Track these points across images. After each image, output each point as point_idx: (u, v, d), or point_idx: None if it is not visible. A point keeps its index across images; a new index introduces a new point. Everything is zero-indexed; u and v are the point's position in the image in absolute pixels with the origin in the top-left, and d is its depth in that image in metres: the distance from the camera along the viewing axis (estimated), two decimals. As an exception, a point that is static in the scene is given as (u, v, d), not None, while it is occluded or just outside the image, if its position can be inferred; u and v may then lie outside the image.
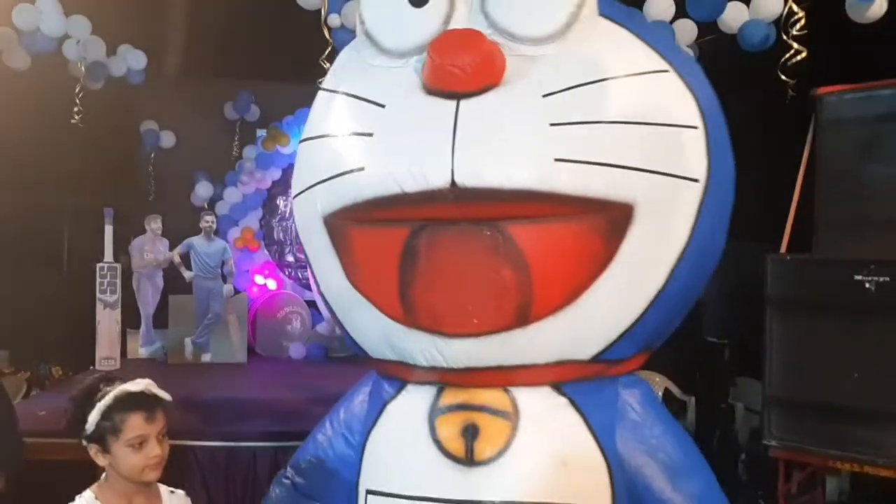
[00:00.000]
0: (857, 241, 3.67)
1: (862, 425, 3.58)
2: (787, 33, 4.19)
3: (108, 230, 6.88)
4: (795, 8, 4.11)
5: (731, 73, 4.41)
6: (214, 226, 7.39)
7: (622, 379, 1.59)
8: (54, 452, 4.19)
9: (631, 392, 1.58)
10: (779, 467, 3.99)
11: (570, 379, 1.51)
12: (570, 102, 1.35)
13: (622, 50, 1.44)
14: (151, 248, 7.43)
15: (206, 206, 8.09)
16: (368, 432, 1.63)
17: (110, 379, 1.93)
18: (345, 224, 1.49)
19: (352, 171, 1.43)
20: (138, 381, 1.90)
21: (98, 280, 6.79)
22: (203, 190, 8.24)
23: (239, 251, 8.21)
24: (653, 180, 1.39)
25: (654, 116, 1.40)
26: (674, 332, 1.73)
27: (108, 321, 6.84)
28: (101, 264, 6.83)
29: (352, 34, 5.14)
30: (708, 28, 4.72)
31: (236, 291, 7.70)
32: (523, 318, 1.39)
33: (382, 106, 1.44)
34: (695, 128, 1.45)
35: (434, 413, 1.51)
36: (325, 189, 1.50)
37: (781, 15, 4.28)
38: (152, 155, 8.23)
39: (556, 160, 1.32)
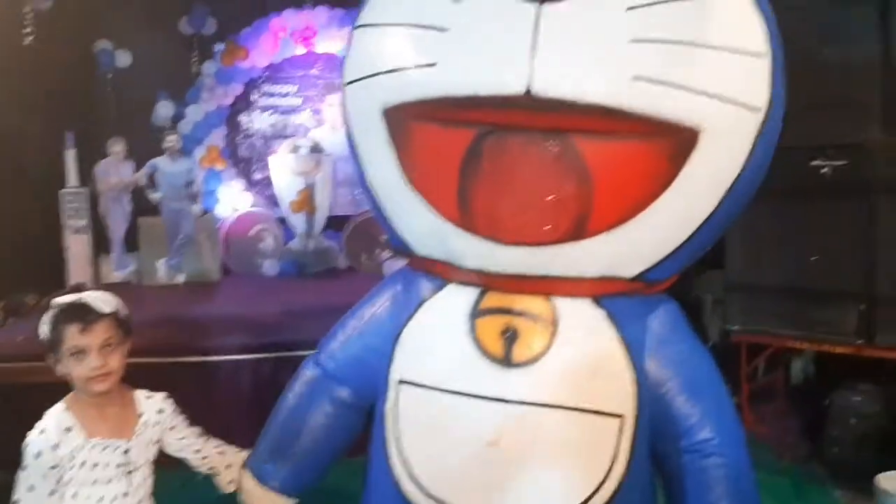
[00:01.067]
0: (813, 126, 3.70)
1: (819, 306, 3.72)
2: None
3: (71, 154, 6.78)
4: None
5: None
6: (178, 145, 7.26)
7: (655, 297, 1.61)
8: (36, 375, 4.25)
9: (662, 311, 1.61)
10: (741, 351, 4.16)
11: (610, 293, 1.53)
12: (654, 18, 1.31)
13: None
14: (116, 171, 7.32)
15: (168, 125, 7.94)
16: (404, 325, 1.63)
17: (79, 287, 1.91)
18: (407, 119, 1.45)
19: (421, 65, 1.38)
20: (83, 293, 1.85)
21: (64, 206, 6.72)
22: (164, 109, 8.08)
23: (205, 170, 8.11)
24: (722, 108, 1.37)
25: (731, 41, 1.37)
26: None
27: (78, 246, 6.83)
28: (66, 190, 6.76)
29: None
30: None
31: (205, 211, 7.65)
32: (580, 231, 1.40)
33: (458, 1, 1.38)
34: (761, 55, 1.42)
35: (475, 314, 1.53)
36: (389, 80, 1.44)
37: None
38: (109, 76, 8.01)
39: (636, 77, 1.29)
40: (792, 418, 4.65)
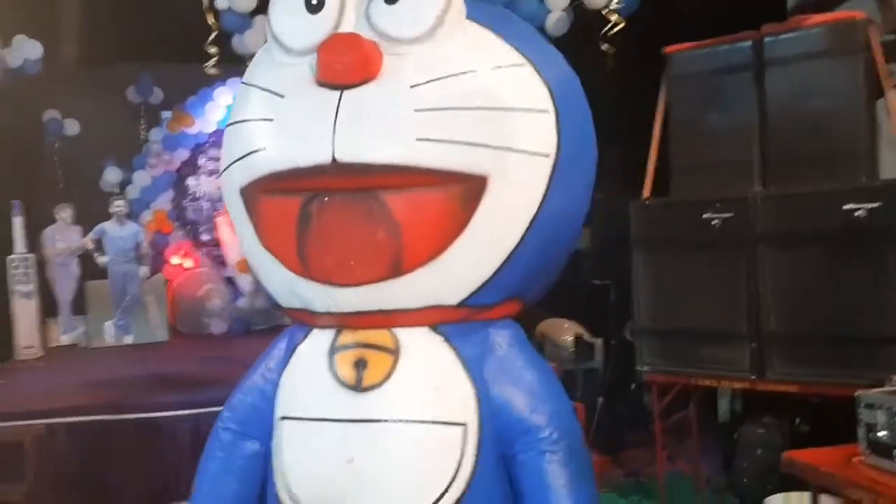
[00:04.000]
0: (705, 183, 4.07)
1: (715, 345, 4.00)
2: (606, 6, 4.67)
3: (17, 221, 6.92)
4: None
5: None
6: (125, 210, 7.50)
7: (495, 322, 1.86)
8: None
9: (501, 333, 1.85)
10: (653, 390, 4.44)
11: (442, 321, 1.78)
12: (433, 92, 1.63)
13: (482, 47, 1.73)
14: (63, 236, 7.50)
15: (116, 190, 8.15)
16: (282, 370, 1.89)
17: None
18: (255, 194, 1.76)
19: (257, 150, 1.70)
20: None
21: (11, 272, 6.84)
22: (112, 175, 8.30)
23: (152, 233, 8.29)
24: (502, 155, 1.65)
25: (505, 102, 1.67)
26: (562, 281, 2.04)
27: (25, 311, 6.92)
28: (12, 256, 6.87)
29: (238, 17, 5.31)
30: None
31: (153, 273, 7.82)
32: (396, 269, 1.66)
33: (282, 96, 1.72)
34: (545, 111, 1.73)
35: (333, 351, 1.78)
36: (239, 166, 1.76)
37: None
38: (56, 144, 8.21)
39: (418, 139, 1.59)
40: (712, 452, 4.93)
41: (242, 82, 1.90)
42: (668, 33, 4.56)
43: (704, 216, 3.97)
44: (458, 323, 1.80)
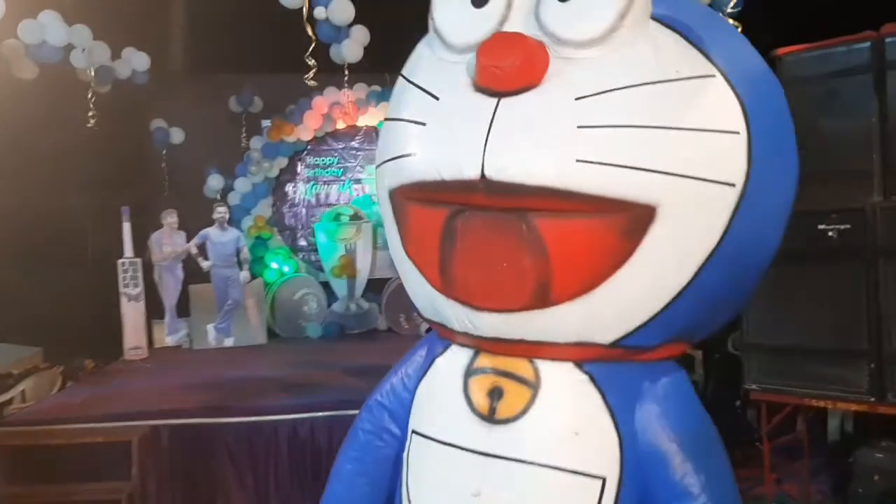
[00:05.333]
0: (820, 192, 3.86)
1: (831, 364, 3.81)
2: (722, 12, 4.45)
3: (127, 227, 7.21)
4: None
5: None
6: (227, 216, 7.71)
7: (653, 364, 1.64)
8: (92, 436, 4.58)
9: (659, 379, 1.64)
10: (761, 409, 4.26)
11: (590, 359, 1.60)
12: (601, 106, 1.41)
13: (664, 54, 1.48)
14: (169, 241, 7.75)
15: (218, 197, 8.42)
16: (420, 379, 1.82)
17: None
18: (402, 199, 1.65)
19: (407, 155, 1.59)
20: None
21: (120, 275, 7.13)
22: (214, 182, 8.56)
23: (253, 238, 8.51)
24: (679, 183, 1.42)
25: (685, 120, 1.43)
26: None
27: (133, 313, 7.20)
28: (122, 260, 7.17)
29: (336, 28, 5.37)
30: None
31: (253, 277, 8.02)
32: (542, 300, 1.49)
33: (437, 98, 1.58)
34: (735, 133, 1.46)
35: (469, 372, 1.67)
36: (390, 167, 1.66)
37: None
38: (164, 152, 8.54)
39: (578, 161, 1.39)
40: (823, 475, 4.70)
41: (401, 74, 1.75)
42: (779, 34, 4.37)
43: (820, 227, 3.81)
44: (608, 362, 1.60)
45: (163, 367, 6.81)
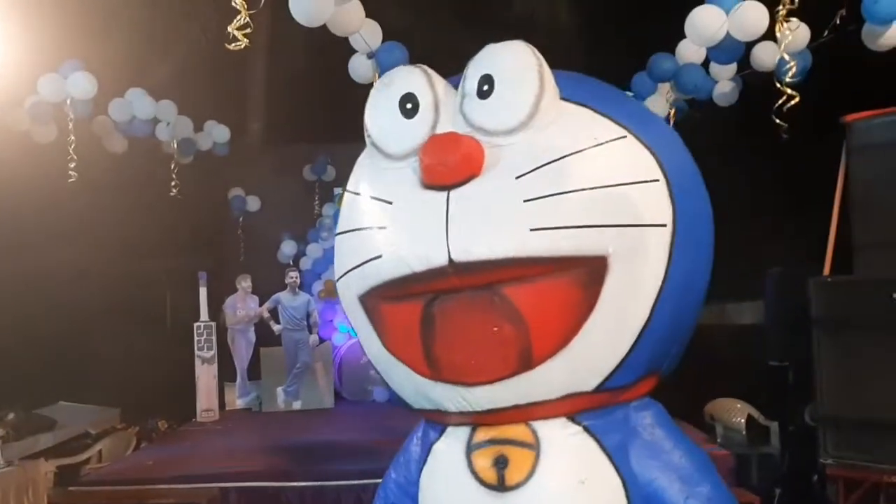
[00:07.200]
0: (894, 261, 3.77)
1: (914, 439, 3.65)
2: (780, 81, 4.44)
3: (203, 292, 7.47)
4: (787, 57, 4.36)
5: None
6: (299, 280, 7.92)
7: (634, 403, 1.80)
8: (161, 497, 4.69)
9: (642, 414, 1.80)
10: (838, 485, 4.07)
11: (581, 409, 1.73)
12: (538, 180, 1.60)
13: (580, 127, 1.69)
14: (243, 305, 7.98)
15: (290, 262, 8.65)
16: (421, 469, 1.91)
17: None
18: (375, 301, 1.78)
19: (373, 258, 1.72)
20: None
21: (196, 338, 7.36)
22: (288, 248, 8.82)
23: (322, 302, 8.67)
24: (620, 232, 1.61)
25: (613, 178, 1.63)
26: (741, 359, 1.93)
27: (206, 375, 7.40)
28: (197, 323, 7.41)
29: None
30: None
31: (321, 340, 8.15)
32: (526, 363, 1.63)
33: (391, 202, 1.73)
34: (655, 180, 1.67)
35: (470, 449, 1.77)
36: (356, 275, 1.80)
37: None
38: (240, 219, 8.86)
39: (531, 230, 1.56)
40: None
41: (347, 190, 1.92)
42: (845, 100, 4.33)
43: (895, 296, 3.69)
44: (596, 410, 1.74)
45: (233, 429, 6.95)
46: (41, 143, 6.16)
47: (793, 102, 4.42)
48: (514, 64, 1.69)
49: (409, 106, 1.76)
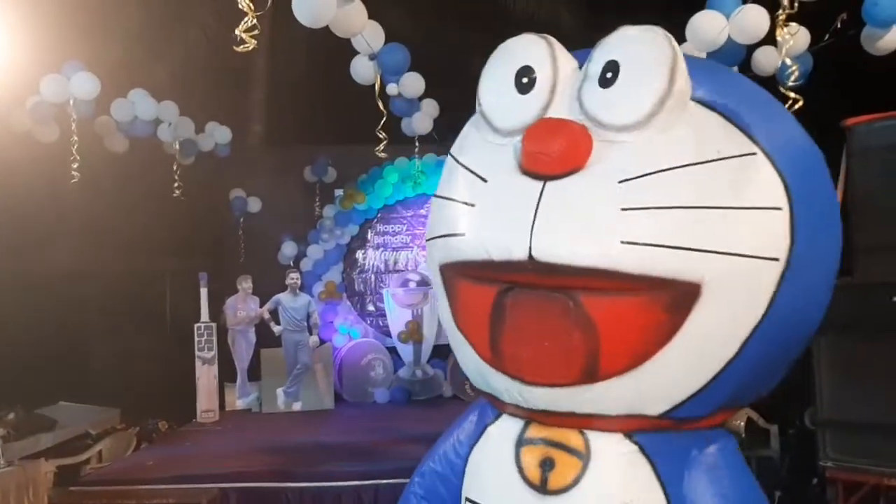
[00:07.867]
0: (894, 264, 3.77)
1: (913, 442, 3.65)
2: (783, 85, 4.45)
3: (204, 293, 7.47)
4: (789, 61, 4.37)
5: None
6: (299, 282, 7.91)
7: (701, 433, 1.67)
8: (161, 497, 4.70)
9: (707, 446, 1.66)
10: (837, 488, 4.07)
11: (639, 430, 1.63)
12: (644, 188, 1.46)
13: (705, 135, 1.52)
14: (243, 306, 7.97)
15: (291, 263, 8.65)
16: (472, 447, 1.88)
17: None
18: (452, 274, 1.73)
19: (456, 234, 1.66)
20: None
21: (196, 339, 7.36)
22: (288, 249, 8.82)
23: (323, 303, 8.68)
24: (723, 260, 1.45)
25: (729, 200, 1.46)
26: None
27: (206, 376, 7.40)
28: (198, 324, 7.41)
29: (407, 102, 5.58)
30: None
31: (322, 342, 8.15)
32: (591, 375, 1.54)
33: (485, 180, 1.66)
34: (777, 209, 1.49)
35: (521, 442, 1.72)
36: (440, 243, 1.75)
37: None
38: (241, 220, 8.88)
39: (623, 242, 1.43)
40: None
41: (451, 154, 1.83)
42: (846, 104, 4.34)
43: (895, 300, 3.69)
44: (657, 432, 1.63)
45: (233, 430, 6.95)
46: (43, 143, 6.18)
47: (797, 106, 4.43)
48: (644, 54, 1.55)
49: (524, 80, 1.65)
